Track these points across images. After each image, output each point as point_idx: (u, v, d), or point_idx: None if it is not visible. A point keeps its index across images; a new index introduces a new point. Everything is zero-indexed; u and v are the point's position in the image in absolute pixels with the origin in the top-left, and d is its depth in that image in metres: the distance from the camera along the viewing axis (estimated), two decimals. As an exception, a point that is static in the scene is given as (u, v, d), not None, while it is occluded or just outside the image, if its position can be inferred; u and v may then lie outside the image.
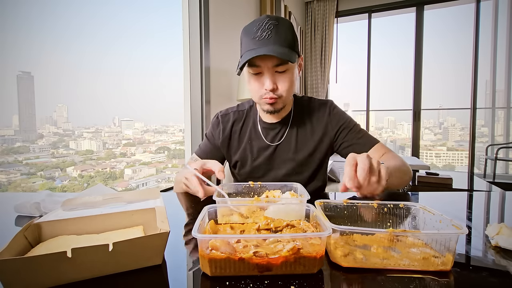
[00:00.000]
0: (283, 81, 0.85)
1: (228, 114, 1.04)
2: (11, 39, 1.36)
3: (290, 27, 0.84)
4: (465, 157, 4.30)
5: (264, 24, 0.81)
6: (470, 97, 3.90)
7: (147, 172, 2.12)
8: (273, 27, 0.80)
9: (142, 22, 1.99)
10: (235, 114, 1.04)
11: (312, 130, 0.98)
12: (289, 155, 0.97)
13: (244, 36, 0.84)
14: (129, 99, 2.02)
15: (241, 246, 0.41)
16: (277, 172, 0.98)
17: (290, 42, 0.82)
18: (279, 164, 0.98)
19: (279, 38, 0.80)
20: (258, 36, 0.80)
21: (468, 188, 2.32)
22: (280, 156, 0.98)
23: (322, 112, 0.99)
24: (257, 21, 0.82)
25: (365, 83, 4.46)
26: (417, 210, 0.53)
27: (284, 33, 0.81)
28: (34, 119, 1.62)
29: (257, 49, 0.79)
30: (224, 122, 1.03)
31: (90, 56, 1.71)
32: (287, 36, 0.82)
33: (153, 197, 0.69)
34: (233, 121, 1.03)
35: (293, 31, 0.85)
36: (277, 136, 0.99)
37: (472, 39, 3.87)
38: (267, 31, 0.80)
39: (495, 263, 0.44)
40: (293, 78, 0.87)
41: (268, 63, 0.82)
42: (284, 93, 0.86)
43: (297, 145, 0.97)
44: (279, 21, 0.82)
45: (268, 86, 0.83)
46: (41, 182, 1.58)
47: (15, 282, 0.36)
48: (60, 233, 0.50)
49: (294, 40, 0.84)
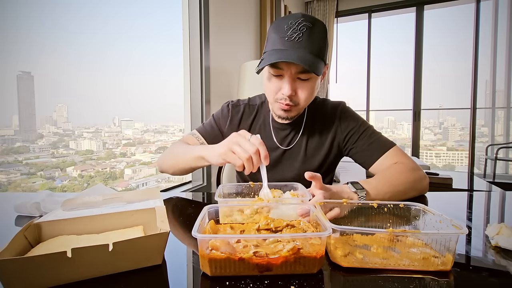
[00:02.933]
0: (304, 90, 0.80)
1: (238, 106, 0.99)
2: (11, 39, 1.36)
3: (324, 33, 0.77)
4: (465, 157, 4.30)
5: (297, 24, 0.74)
6: (470, 97, 3.90)
7: (147, 172, 2.12)
8: (306, 29, 0.73)
9: (142, 22, 1.99)
10: (245, 107, 0.99)
11: (323, 137, 0.93)
12: (298, 162, 0.93)
13: (273, 32, 0.77)
14: (129, 99, 2.02)
15: (241, 246, 0.41)
16: (283, 176, 0.94)
17: (320, 49, 0.76)
18: (287, 168, 0.94)
19: (310, 43, 0.74)
20: (287, 36, 0.74)
21: (468, 188, 2.32)
22: (288, 161, 0.94)
23: (332, 116, 0.94)
24: (290, 18, 0.75)
25: (365, 83, 4.46)
26: (417, 210, 0.53)
27: (316, 38, 0.75)
28: (34, 119, 1.62)
29: (284, 51, 0.73)
30: (234, 113, 0.98)
31: (90, 56, 1.71)
32: (319, 42, 0.75)
33: (153, 197, 0.69)
34: (242, 114, 0.98)
35: (326, 37, 0.78)
36: (287, 139, 0.95)
37: (472, 39, 3.87)
38: (299, 33, 0.73)
39: (495, 263, 0.44)
40: (314, 87, 0.81)
41: (292, 69, 0.76)
42: (302, 102, 0.82)
43: (306, 154, 0.93)
44: (314, 24, 0.75)
45: (286, 92, 0.78)
46: (41, 182, 1.58)
47: (15, 282, 0.36)
48: (60, 233, 0.50)
49: (325, 48, 0.78)
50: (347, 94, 4.95)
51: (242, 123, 0.98)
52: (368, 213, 0.55)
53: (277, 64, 0.76)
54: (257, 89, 1.90)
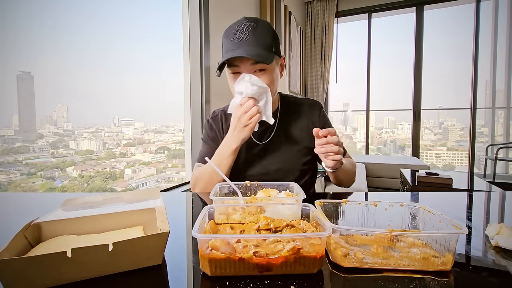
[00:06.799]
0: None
1: (216, 115, 1.09)
2: (11, 39, 1.36)
3: (268, 29, 0.87)
4: (465, 157, 4.30)
5: (242, 26, 0.85)
6: (470, 97, 3.90)
7: (147, 172, 2.12)
8: (250, 29, 0.84)
9: (142, 22, 1.99)
10: (221, 113, 1.08)
11: (301, 126, 1.02)
12: (279, 150, 1.00)
13: (224, 38, 0.88)
14: (129, 99, 2.02)
15: (241, 246, 0.41)
16: (268, 168, 1.00)
17: (267, 43, 0.86)
18: (270, 160, 1.00)
19: (256, 39, 0.84)
20: (236, 38, 0.84)
21: (468, 188, 2.32)
22: (270, 154, 1.00)
23: (312, 111, 1.04)
24: (236, 23, 0.86)
25: (365, 83, 4.46)
26: (417, 210, 0.53)
27: (262, 34, 0.85)
28: (34, 119, 1.62)
29: (235, 50, 0.83)
30: (215, 122, 1.07)
31: (90, 56, 1.71)
32: (265, 37, 0.86)
33: (153, 197, 0.69)
34: (221, 120, 1.06)
35: (272, 32, 0.89)
36: (264, 133, 1.02)
37: (472, 39, 3.87)
38: (245, 33, 0.84)
39: (495, 263, 0.44)
40: (272, 77, 0.89)
41: (246, 63, 0.85)
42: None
43: (286, 140, 1.01)
44: (257, 23, 0.86)
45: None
46: (41, 182, 1.58)
47: (15, 282, 0.36)
48: (60, 233, 0.50)
49: (272, 41, 0.88)
50: (347, 94, 4.95)
51: (223, 127, 1.06)
52: (368, 213, 0.56)
53: (232, 62, 0.86)
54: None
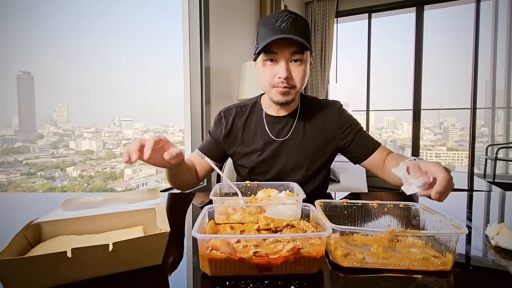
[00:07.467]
0: (297, 72, 0.87)
1: (230, 109, 1.05)
2: (11, 39, 1.36)
3: (306, 23, 0.88)
4: (465, 157, 4.30)
5: (283, 16, 0.83)
6: (470, 97, 3.90)
7: (147, 172, 2.12)
8: (291, 19, 0.83)
9: (142, 22, 1.99)
10: (237, 108, 1.04)
11: (320, 126, 0.99)
12: (296, 149, 0.98)
13: (262, 26, 0.86)
14: (129, 99, 2.02)
15: (241, 246, 0.41)
16: (283, 167, 0.98)
17: (306, 35, 0.86)
18: (286, 158, 0.98)
19: (298, 29, 0.83)
20: (277, 26, 0.82)
21: (468, 188, 2.32)
22: (286, 151, 0.98)
23: (331, 111, 1.00)
24: (276, 14, 0.85)
25: (365, 83, 4.45)
26: (417, 210, 0.53)
27: (302, 27, 0.85)
28: (34, 119, 1.62)
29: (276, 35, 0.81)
30: (227, 116, 1.03)
31: (90, 56, 1.71)
32: (305, 30, 0.85)
33: (153, 197, 0.69)
34: (235, 115, 1.03)
35: (309, 28, 0.89)
36: (282, 131, 0.99)
37: (472, 39, 3.87)
38: (286, 22, 0.82)
39: (495, 263, 0.44)
40: (305, 70, 0.88)
41: (285, 51, 0.84)
42: (298, 84, 0.88)
43: (304, 139, 0.98)
44: (297, 16, 0.85)
45: (283, 74, 0.85)
46: (41, 182, 1.58)
47: (15, 282, 0.36)
48: (60, 233, 0.50)
49: (309, 36, 0.88)
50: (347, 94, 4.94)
51: (236, 123, 1.02)
52: (368, 213, 0.56)
53: (270, 48, 0.84)
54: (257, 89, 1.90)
